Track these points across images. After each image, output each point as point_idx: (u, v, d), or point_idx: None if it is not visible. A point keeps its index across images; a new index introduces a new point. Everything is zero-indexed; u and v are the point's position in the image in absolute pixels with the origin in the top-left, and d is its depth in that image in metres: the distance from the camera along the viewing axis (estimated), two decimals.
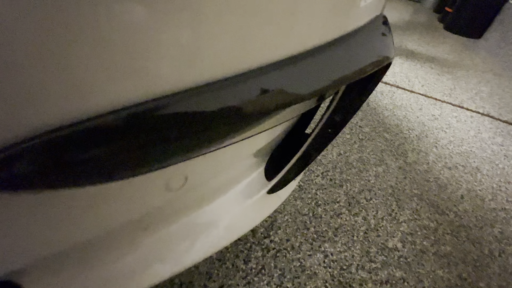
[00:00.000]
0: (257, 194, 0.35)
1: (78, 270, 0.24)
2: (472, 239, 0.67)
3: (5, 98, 0.11)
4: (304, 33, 0.20)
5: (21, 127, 0.12)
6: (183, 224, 0.30)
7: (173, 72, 0.14)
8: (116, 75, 0.13)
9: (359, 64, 0.23)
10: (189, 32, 0.14)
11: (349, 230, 0.63)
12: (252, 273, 0.52)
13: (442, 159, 0.90)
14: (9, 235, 0.16)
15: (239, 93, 0.18)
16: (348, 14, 0.23)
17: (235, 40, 0.16)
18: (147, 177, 0.18)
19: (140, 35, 0.13)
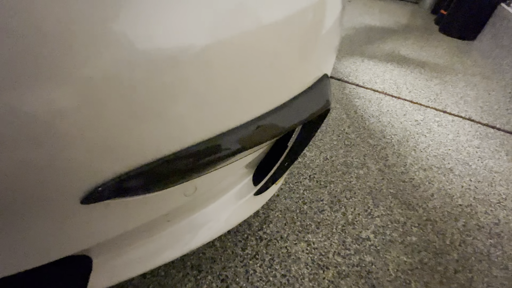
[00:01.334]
0: (246, 195, 0.48)
1: (128, 247, 0.38)
2: (436, 231, 0.79)
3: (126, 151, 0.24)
4: (272, 99, 0.33)
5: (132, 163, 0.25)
6: (193, 218, 0.43)
7: (204, 131, 0.27)
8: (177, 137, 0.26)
9: (303, 115, 0.36)
10: (203, 109, 0.27)
11: (329, 224, 0.76)
12: (248, 257, 0.66)
13: (419, 161, 1.02)
14: (98, 225, 0.30)
15: (233, 137, 0.31)
16: (303, 82, 0.36)
17: (233, 110, 0.29)
18: (176, 187, 0.31)
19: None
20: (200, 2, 0.22)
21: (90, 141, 0.22)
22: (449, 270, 0.71)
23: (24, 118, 0.18)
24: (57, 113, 0.19)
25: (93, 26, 0.19)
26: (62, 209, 0.25)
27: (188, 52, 0.22)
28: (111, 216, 0.29)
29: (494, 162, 1.08)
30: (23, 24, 0.17)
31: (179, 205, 0.35)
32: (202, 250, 0.66)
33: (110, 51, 0.19)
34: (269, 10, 0.27)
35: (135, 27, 0.20)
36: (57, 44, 0.18)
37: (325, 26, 0.34)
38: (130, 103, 0.22)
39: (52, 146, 0.21)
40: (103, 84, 0.20)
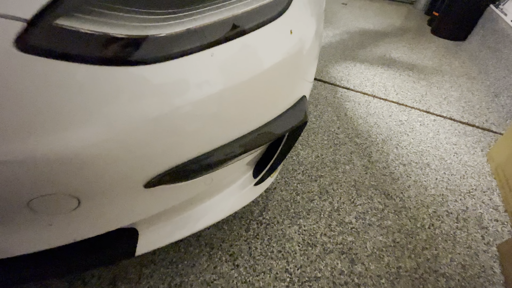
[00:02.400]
0: (248, 186, 0.63)
1: (167, 220, 0.53)
2: (409, 217, 0.93)
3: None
4: (266, 116, 0.48)
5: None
6: (210, 202, 0.59)
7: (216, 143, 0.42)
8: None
9: (288, 126, 0.50)
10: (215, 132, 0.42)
11: (318, 211, 0.91)
12: (250, 237, 0.81)
13: (399, 157, 1.16)
14: (151, 202, 0.45)
15: (238, 143, 0.45)
16: (287, 103, 0.51)
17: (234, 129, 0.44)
18: (200, 178, 0.46)
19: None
20: (224, 62, 0.37)
21: (154, 150, 0.37)
22: (418, 248, 0.85)
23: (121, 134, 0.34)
24: (133, 135, 0.34)
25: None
26: (131, 191, 0.40)
27: (212, 95, 0.37)
28: (160, 197, 0.44)
29: (468, 157, 1.22)
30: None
31: (202, 191, 0.51)
32: (213, 232, 0.81)
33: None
34: (265, 62, 0.42)
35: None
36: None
37: (303, 67, 0.49)
38: (180, 129, 0.37)
39: (132, 152, 0.36)
40: (166, 120, 0.35)
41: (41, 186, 0.33)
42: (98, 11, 0.30)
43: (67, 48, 0.29)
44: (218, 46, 0.37)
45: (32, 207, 0.35)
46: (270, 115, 0.49)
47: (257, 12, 0.40)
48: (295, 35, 0.44)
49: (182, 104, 0.35)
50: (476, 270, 0.82)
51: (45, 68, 0.29)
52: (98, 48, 0.30)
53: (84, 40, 0.29)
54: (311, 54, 0.51)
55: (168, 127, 0.36)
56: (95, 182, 0.36)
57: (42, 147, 0.30)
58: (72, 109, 0.30)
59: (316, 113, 1.37)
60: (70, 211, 0.38)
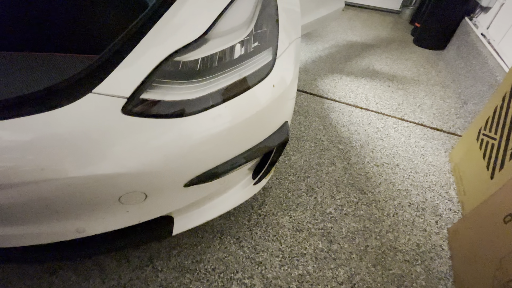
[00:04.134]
0: (248, 185, 0.87)
1: (192, 210, 0.77)
2: (378, 207, 1.17)
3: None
4: (259, 138, 0.72)
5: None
6: (221, 197, 0.83)
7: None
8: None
9: (275, 142, 0.75)
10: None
11: (305, 204, 1.15)
12: (252, 225, 1.05)
13: (374, 160, 1.40)
14: (187, 196, 0.69)
15: (242, 156, 0.70)
16: (274, 128, 0.75)
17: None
18: (217, 180, 0.70)
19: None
20: (234, 110, 0.61)
21: (190, 163, 0.61)
22: (383, 231, 1.09)
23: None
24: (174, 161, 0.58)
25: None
26: (176, 189, 0.64)
27: (227, 128, 0.61)
28: (193, 192, 0.68)
29: (433, 158, 1.45)
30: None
31: (217, 189, 0.75)
32: (223, 222, 1.05)
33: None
34: (258, 106, 0.66)
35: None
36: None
37: (283, 104, 0.73)
38: (206, 150, 0.61)
39: (179, 165, 0.59)
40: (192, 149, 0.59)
41: (127, 187, 0.57)
42: (161, 86, 0.55)
43: (149, 110, 0.53)
44: (231, 100, 0.61)
45: (121, 201, 0.59)
46: (263, 136, 0.73)
47: (253, 76, 0.64)
48: (277, 87, 0.68)
49: (208, 135, 0.60)
50: (428, 247, 1.06)
51: (138, 123, 0.53)
52: (165, 108, 0.54)
53: (157, 105, 0.54)
54: (288, 95, 0.75)
55: (198, 149, 0.60)
56: (156, 184, 0.60)
57: (128, 166, 0.54)
58: (149, 144, 0.54)
59: (306, 123, 1.61)
60: (140, 202, 0.62)
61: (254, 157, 0.72)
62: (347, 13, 3.63)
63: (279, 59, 0.69)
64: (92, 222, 0.61)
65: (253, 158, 0.72)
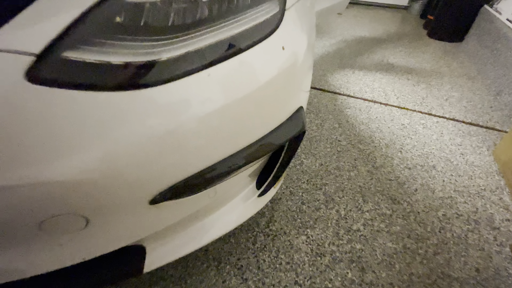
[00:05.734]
0: (252, 197, 0.64)
1: (172, 236, 0.54)
2: (418, 221, 0.92)
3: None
4: (265, 128, 0.49)
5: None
6: (215, 215, 0.59)
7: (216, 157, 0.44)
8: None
9: (286, 136, 0.52)
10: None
11: (325, 219, 0.91)
12: (258, 250, 0.81)
13: (404, 161, 1.16)
14: (156, 218, 0.46)
15: (239, 155, 0.47)
16: (284, 115, 0.52)
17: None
18: (203, 192, 0.47)
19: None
20: (222, 81, 0.39)
21: (157, 168, 0.38)
22: (429, 253, 0.84)
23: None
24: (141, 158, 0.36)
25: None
26: (138, 208, 0.41)
27: (214, 109, 0.39)
28: (164, 212, 0.45)
29: (475, 157, 1.20)
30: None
31: (206, 205, 0.52)
32: (220, 245, 0.81)
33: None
34: (261, 78, 0.43)
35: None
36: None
37: (298, 78, 0.51)
38: (181, 146, 0.38)
39: (136, 170, 0.37)
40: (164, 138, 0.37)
41: (51, 208, 0.35)
42: (102, 42, 0.33)
43: (75, 78, 0.31)
44: (216, 66, 0.39)
45: (43, 228, 0.36)
46: (269, 127, 0.50)
47: (250, 32, 0.42)
48: (287, 51, 0.46)
49: (183, 122, 0.37)
50: (491, 272, 0.80)
51: (55, 97, 0.31)
52: (103, 76, 0.32)
53: (90, 70, 0.32)
54: (304, 66, 0.52)
55: (169, 145, 0.38)
56: (102, 201, 0.37)
57: (52, 171, 0.32)
58: (80, 134, 0.32)
59: (318, 121, 1.38)
60: (79, 231, 0.39)
61: (256, 158, 0.50)
62: (352, 10, 3.45)
63: (289, 10, 0.47)
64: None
65: (254, 159, 0.50)
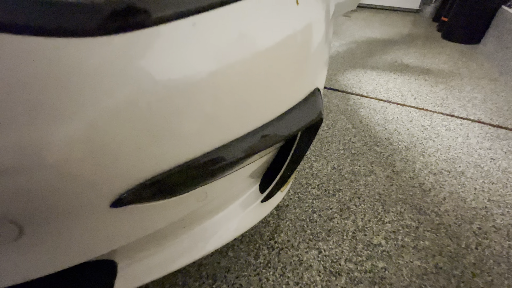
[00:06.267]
0: (254, 203, 0.52)
1: (149, 252, 0.42)
2: (450, 235, 0.78)
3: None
4: (269, 112, 0.37)
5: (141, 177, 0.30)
6: (207, 224, 0.47)
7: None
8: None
9: (298, 125, 0.40)
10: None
11: (340, 231, 0.78)
12: (261, 266, 0.68)
13: (428, 166, 1.02)
14: (124, 227, 0.34)
15: (236, 147, 0.35)
16: (296, 96, 0.41)
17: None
18: (189, 194, 0.36)
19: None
20: (208, 36, 0.28)
21: (117, 155, 0.27)
22: (467, 274, 0.70)
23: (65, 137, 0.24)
24: (90, 133, 0.25)
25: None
26: (96, 212, 0.30)
27: (196, 77, 0.28)
28: (135, 219, 0.33)
29: (507, 163, 1.06)
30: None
31: (193, 210, 0.40)
32: (216, 259, 0.69)
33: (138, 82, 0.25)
34: (263, 38, 0.32)
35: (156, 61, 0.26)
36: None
37: (312, 47, 0.39)
38: (146, 123, 0.27)
39: (88, 160, 0.26)
40: (126, 108, 0.25)
41: None
42: None
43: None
44: (204, 14, 0.28)
45: None
46: (275, 110, 0.38)
47: None
48: (303, 7, 0.35)
49: (153, 92, 0.26)
50: None
51: None
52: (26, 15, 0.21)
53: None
54: (322, 34, 0.41)
55: (138, 124, 0.26)
56: (39, 201, 0.26)
57: None
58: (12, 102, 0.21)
59: (328, 121, 1.26)
60: (10, 242, 0.28)
61: (257, 151, 0.38)
62: (361, 14, 3.36)
63: None
64: None
65: (255, 153, 0.38)
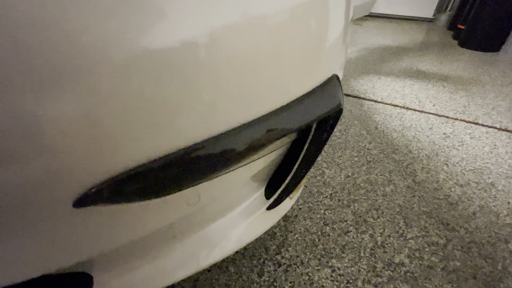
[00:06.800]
0: (258, 210, 0.44)
1: (132, 264, 0.35)
2: (484, 255, 0.68)
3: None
4: (278, 97, 0.31)
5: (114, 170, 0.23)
6: (201, 234, 0.40)
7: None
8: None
9: (313, 114, 0.33)
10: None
11: (356, 247, 0.69)
12: (265, 285, 0.60)
13: (453, 176, 0.92)
14: (92, 234, 0.28)
15: (235, 137, 0.29)
16: (310, 80, 0.34)
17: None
18: (177, 195, 0.29)
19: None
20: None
21: (83, 140, 0.21)
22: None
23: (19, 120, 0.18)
24: (51, 113, 0.19)
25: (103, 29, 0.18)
26: (55, 213, 0.23)
27: (190, 49, 0.22)
28: (107, 224, 0.27)
29: None
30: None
31: (182, 216, 0.33)
32: (215, 276, 0.61)
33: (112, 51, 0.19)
34: (273, 4, 0.26)
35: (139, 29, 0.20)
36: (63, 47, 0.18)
37: (331, 22, 0.33)
38: (124, 101, 0.21)
39: (44, 145, 0.20)
40: (98, 83, 0.19)
41: None
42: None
43: None
44: None
45: None
46: (285, 96, 0.32)
47: None
48: None
49: (134, 56, 0.20)
50: None
51: None
52: None
53: None
54: (342, 11, 0.35)
55: (108, 102, 0.20)
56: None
57: None
58: None
59: (341, 127, 1.18)
60: None
61: (263, 145, 0.31)
62: (372, 23, 3.31)
63: None
64: None
65: (260, 147, 0.31)
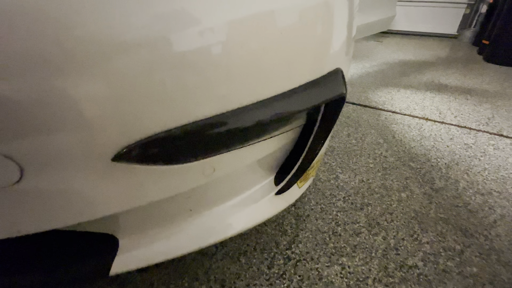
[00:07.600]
0: (268, 194, 0.48)
1: (152, 231, 0.40)
2: (503, 262, 0.65)
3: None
4: (287, 81, 0.35)
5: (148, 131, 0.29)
6: (214, 211, 0.44)
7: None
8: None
9: (321, 97, 0.37)
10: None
11: (367, 247, 0.68)
12: (274, 276, 0.61)
13: (474, 185, 0.90)
14: (124, 189, 0.33)
15: (249, 114, 0.33)
16: (317, 69, 0.38)
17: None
18: (195, 164, 0.34)
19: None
20: None
21: (123, 107, 0.26)
22: None
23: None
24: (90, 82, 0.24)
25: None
26: (97, 163, 0.29)
27: (210, 30, 0.27)
28: (136, 181, 0.32)
29: None
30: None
31: (199, 185, 0.37)
32: (226, 264, 0.63)
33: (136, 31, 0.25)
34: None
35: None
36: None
37: (335, 17, 0.37)
38: (154, 75, 0.26)
39: (93, 106, 0.25)
40: (131, 59, 0.25)
41: None
42: None
43: None
44: None
45: None
46: (292, 80, 0.36)
47: None
48: None
49: (162, 41, 0.25)
50: None
51: None
52: None
53: None
54: (345, 19, 0.39)
55: (144, 78, 0.26)
56: (42, 142, 0.26)
57: None
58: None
59: (357, 135, 1.19)
60: (10, 185, 0.28)
61: (271, 123, 0.35)
62: (393, 39, 3.32)
63: None
64: None
65: (269, 126, 0.35)
